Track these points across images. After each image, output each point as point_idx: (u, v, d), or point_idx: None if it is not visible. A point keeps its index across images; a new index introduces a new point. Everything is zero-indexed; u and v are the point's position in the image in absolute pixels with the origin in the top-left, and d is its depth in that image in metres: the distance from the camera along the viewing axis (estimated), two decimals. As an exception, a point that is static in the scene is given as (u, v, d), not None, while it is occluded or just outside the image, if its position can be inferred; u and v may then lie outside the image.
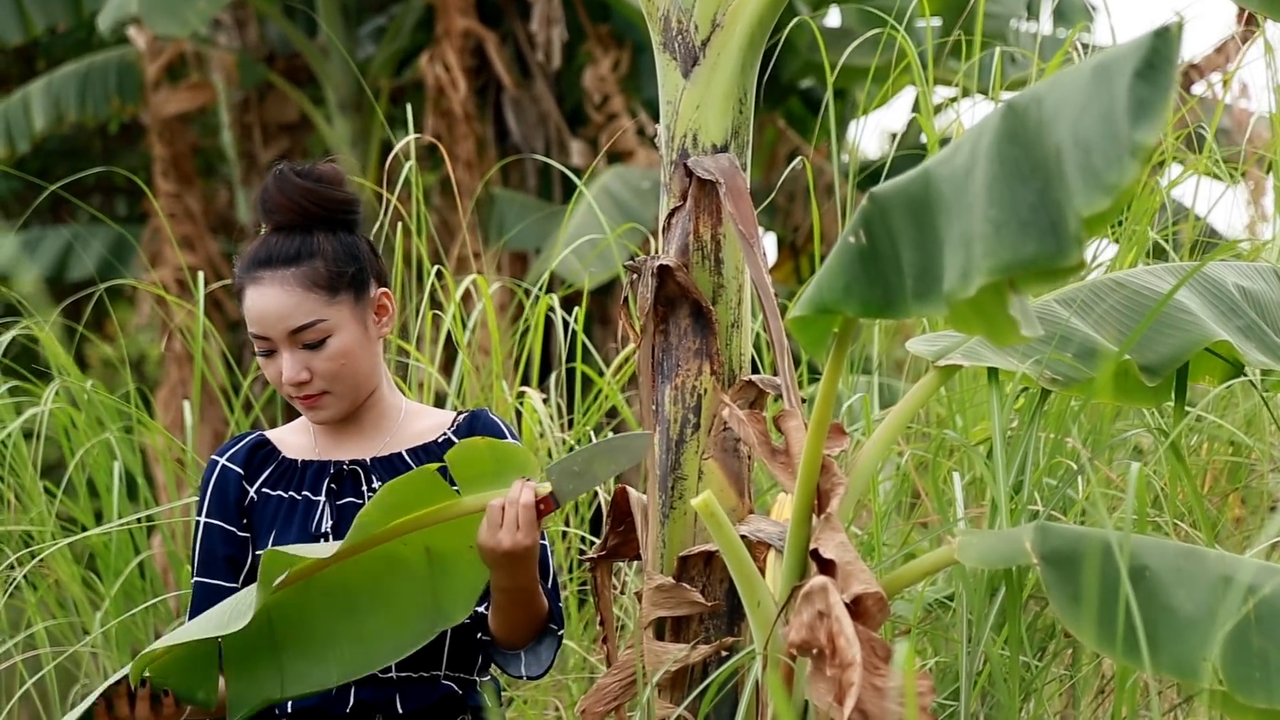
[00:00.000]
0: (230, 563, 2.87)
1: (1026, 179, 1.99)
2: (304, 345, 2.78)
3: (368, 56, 11.48)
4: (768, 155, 11.66)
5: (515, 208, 10.30)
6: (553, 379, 4.31)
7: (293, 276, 2.78)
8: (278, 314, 2.78)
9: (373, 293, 2.86)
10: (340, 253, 2.82)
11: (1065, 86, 1.99)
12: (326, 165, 2.89)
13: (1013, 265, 1.97)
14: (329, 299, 2.79)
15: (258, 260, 2.80)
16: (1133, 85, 1.87)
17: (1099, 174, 1.88)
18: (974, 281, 2.00)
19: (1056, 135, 1.95)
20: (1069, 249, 1.93)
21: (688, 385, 2.91)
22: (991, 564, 2.56)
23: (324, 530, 2.82)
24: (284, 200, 2.82)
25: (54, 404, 4.21)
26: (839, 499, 2.53)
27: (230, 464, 2.90)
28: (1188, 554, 2.36)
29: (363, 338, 2.83)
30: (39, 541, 4.16)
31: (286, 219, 2.83)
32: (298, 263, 2.79)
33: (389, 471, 2.85)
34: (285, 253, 2.80)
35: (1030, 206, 1.97)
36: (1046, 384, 2.85)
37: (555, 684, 3.97)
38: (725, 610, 2.90)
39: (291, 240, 2.81)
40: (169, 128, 11.24)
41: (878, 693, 2.33)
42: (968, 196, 2.06)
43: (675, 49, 2.95)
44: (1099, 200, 1.88)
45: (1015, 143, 2.02)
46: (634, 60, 10.81)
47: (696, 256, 2.91)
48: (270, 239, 2.82)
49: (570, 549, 4.07)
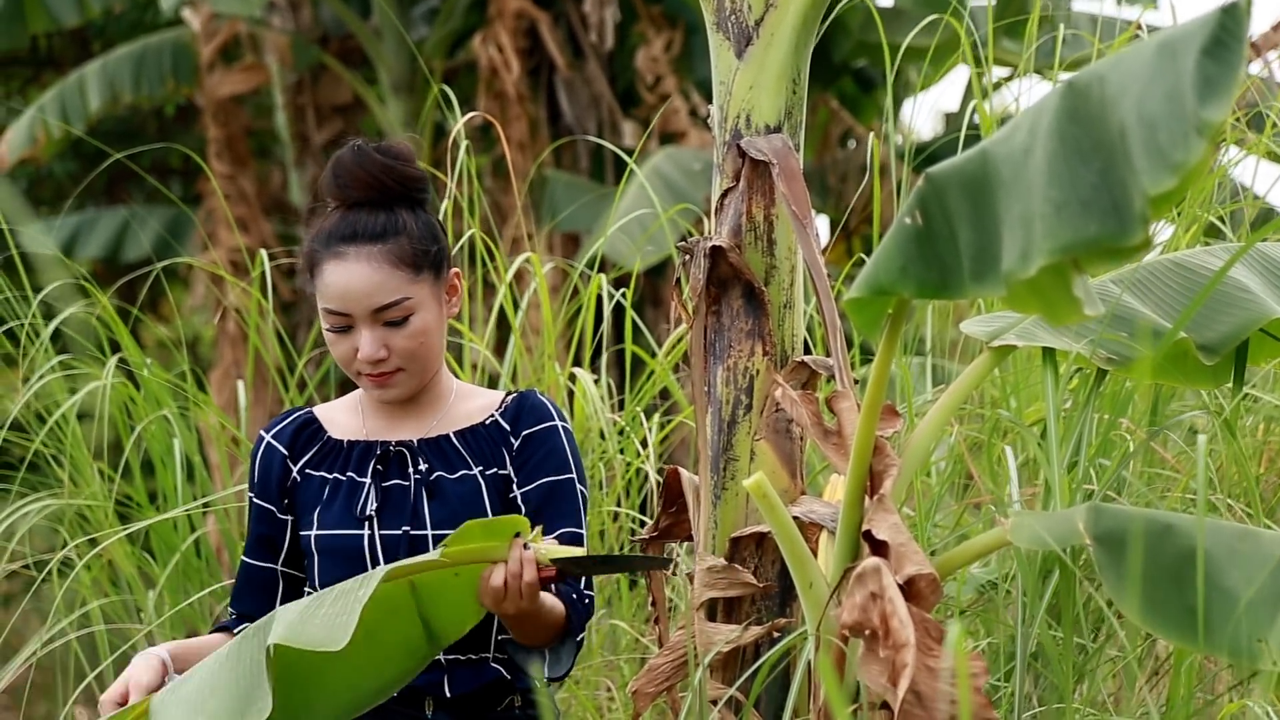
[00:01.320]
0: (269, 543, 2.88)
1: (1088, 158, 1.97)
2: (386, 323, 2.75)
3: (421, 38, 11.49)
4: (820, 136, 11.63)
5: (567, 189, 10.30)
6: (604, 360, 4.31)
7: (380, 253, 2.75)
8: (364, 290, 2.74)
9: (447, 272, 2.84)
10: (424, 231, 2.80)
11: (1129, 65, 1.97)
12: (400, 143, 2.85)
13: (1074, 245, 1.96)
14: (414, 277, 2.76)
15: (342, 235, 2.76)
16: (1200, 63, 1.85)
17: (1165, 152, 1.86)
18: (1034, 262, 1.99)
19: (1120, 114, 1.93)
20: (1133, 228, 1.91)
21: (740, 366, 2.90)
22: (1044, 545, 2.54)
23: (369, 513, 2.80)
24: (365, 176, 2.78)
25: (112, 380, 4.22)
26: (892, 480, 2.52)
27: (275, 442, 2.89)
28: (1243, 535, 2.35)
29: (439, 317, 2.81)
30: (94, 522, 4.18)
31: (367, 195, 2.79)
32: (384, 239, 2.76)
33: (436, 453, 2.84)
34: (371, 229, 2.76)
35: (1092, 186, 1.95)
36: (1102, 364, 2.84)
37: (607, 665, 3.98)
38: (777, 591, 2.89)
39: (376, 217, 2.77)
40: (223, 109, 11.29)
41: (931, 674, 2.32)
42: (1027, 176, 2.04)
43: (729, 29, 2.94)
44: (1165, 179, 1.86)
45: (1076, 121, 2.00)
46: (686, 41, 10.80)
47: (749, 237, 2.91)
48: (351, 215, 2.78)
49: (622, 530, 4.07)
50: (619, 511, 4.04)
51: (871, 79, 11.80)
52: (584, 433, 4.04)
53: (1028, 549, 2.75)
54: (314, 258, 2.79)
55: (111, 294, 4.41)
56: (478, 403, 2.91)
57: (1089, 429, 2.91)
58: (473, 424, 2.88)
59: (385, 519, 2.79)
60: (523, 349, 4.15)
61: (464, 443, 2.86)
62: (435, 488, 2.81)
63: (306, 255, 2.81)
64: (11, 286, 4.28)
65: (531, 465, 2.84)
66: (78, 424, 4.23)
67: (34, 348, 4.26)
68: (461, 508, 2.79)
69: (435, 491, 2.81)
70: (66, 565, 4.18)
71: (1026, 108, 2.17)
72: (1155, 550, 2.26)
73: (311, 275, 2.80)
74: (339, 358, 2.80)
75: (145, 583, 4.24)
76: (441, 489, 2.81)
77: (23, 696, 3.98)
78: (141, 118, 13.00)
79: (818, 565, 2.66)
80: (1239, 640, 2.21)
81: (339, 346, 2.78)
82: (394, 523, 2.79)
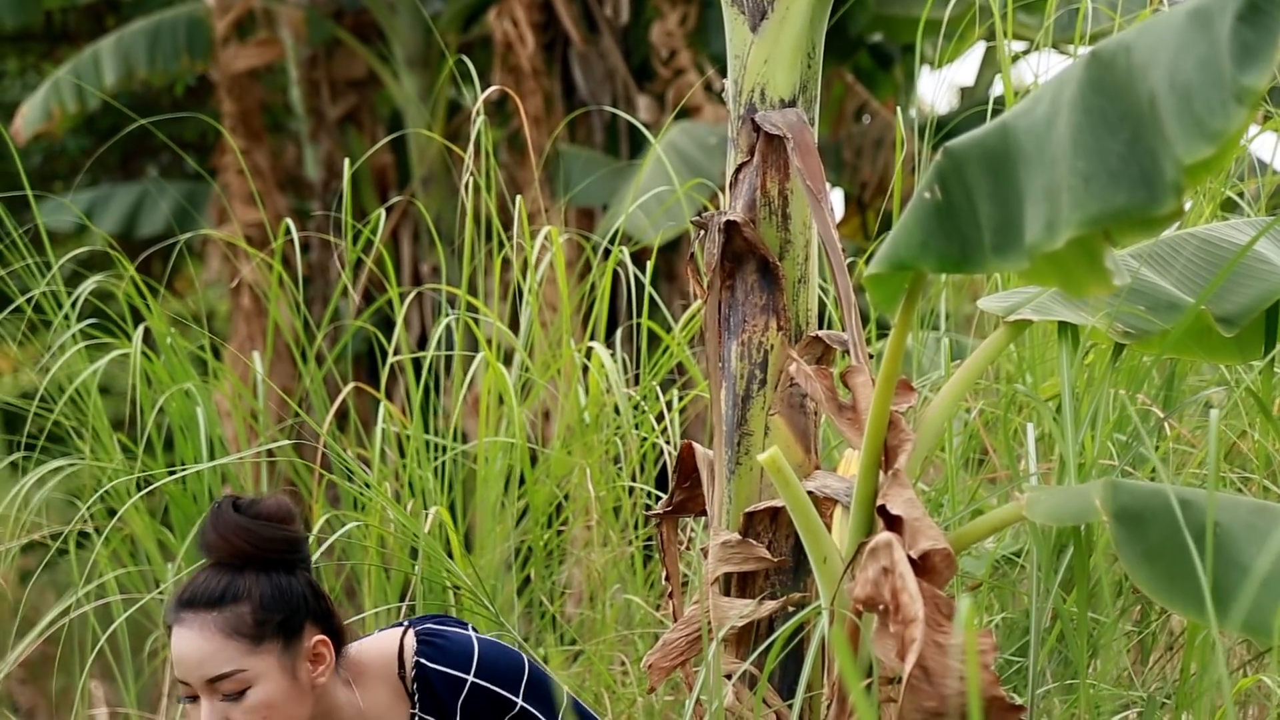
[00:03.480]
0: None
1: (1115, 128, 1.95)
2: (223, 696, 2.60)
3: (435, 12, 11.47)
4: (835, 110, 11.59)
5: (582, 163, 10.28)
6: (619, 334, 4.31)
7: (213, 622, 2.60)
8: (195, 660, 2.60)
9: (307, 640, 2.66)
10: (270, 597, 2.62)
11: (1157, 34, 1.94)
12: (273, 501, 2.70)
13: (1103, 217, 1.94)
14: (251, 648, 2.60)
15: (182, 600, 2.63)
16: (1235, 29, 1.83)
17: (1202, 120, 1.84)
18: (1062, 234, 1.98)
19: (1150, 83, 1.91)
20: (1164, 198, 1.89)
21: (754, 341, 2.90)
22: (1061, 521, 2.54)
23: None
24: (217, 538, 2.65)
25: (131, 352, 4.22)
26: (906, 455, 2.52)
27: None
28: (1260, 510, 2.34)
29: (290, 689, 2.63)
30: (113, 492, 4.19)
31: (219, 556, 2.65)
32: (220, 607, 2.60)
33: None
34: (209, 594, 2.61)
35: (1119, 156, 1.94)
36: (1119, 338, 2.83)
37: (622, 639, 3.99)
38: (791, 566, 2.90)
39: (219, 580, 2.63)
40: (238, 84, 11.28)
41: (939, 649, 2.32)
42: (1050, 148, 2.03)
43: (744, 3, 2.93)
44: (1202, 148, 1.84)
45: (1101, 92, 1.99)
46: (701, 15, 10.76)
47: (764, 212, 2.90)
48: (199, 576, 2.65)
49: (636, 505, 4.07)
50: (634, 486, 4.04)
51: (888, 53, 11.76)
52: (599, 407, 4.04)
53: (1043, 524, 2.75)
54: (165, 619, 2.68)
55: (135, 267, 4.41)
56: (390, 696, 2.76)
57: (1105, 404, 2.90)
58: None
59: None
60: (539, 324, 4.15)
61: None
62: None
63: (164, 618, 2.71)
64: (34, 254, 4.28)
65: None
66: (99, 396, 4.23)
67: (57, 317, 4.26)
68: None
69: None
70: (85, 539, 4.20)
71: (1047, 80, 2.15)
72: (1172, 526, 2.26)
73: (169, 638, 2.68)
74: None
75: (164, 556, 4.25)
76: None
77: (39, 670, 3.99)
78: (156, 93, 13.00)
79: (832, 540, 2.66)
80: (1255, 616, 2.20)
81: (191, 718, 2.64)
82: None
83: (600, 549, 4.05)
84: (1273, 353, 2.95)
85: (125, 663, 4.05)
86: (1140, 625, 3.20)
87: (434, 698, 2.75)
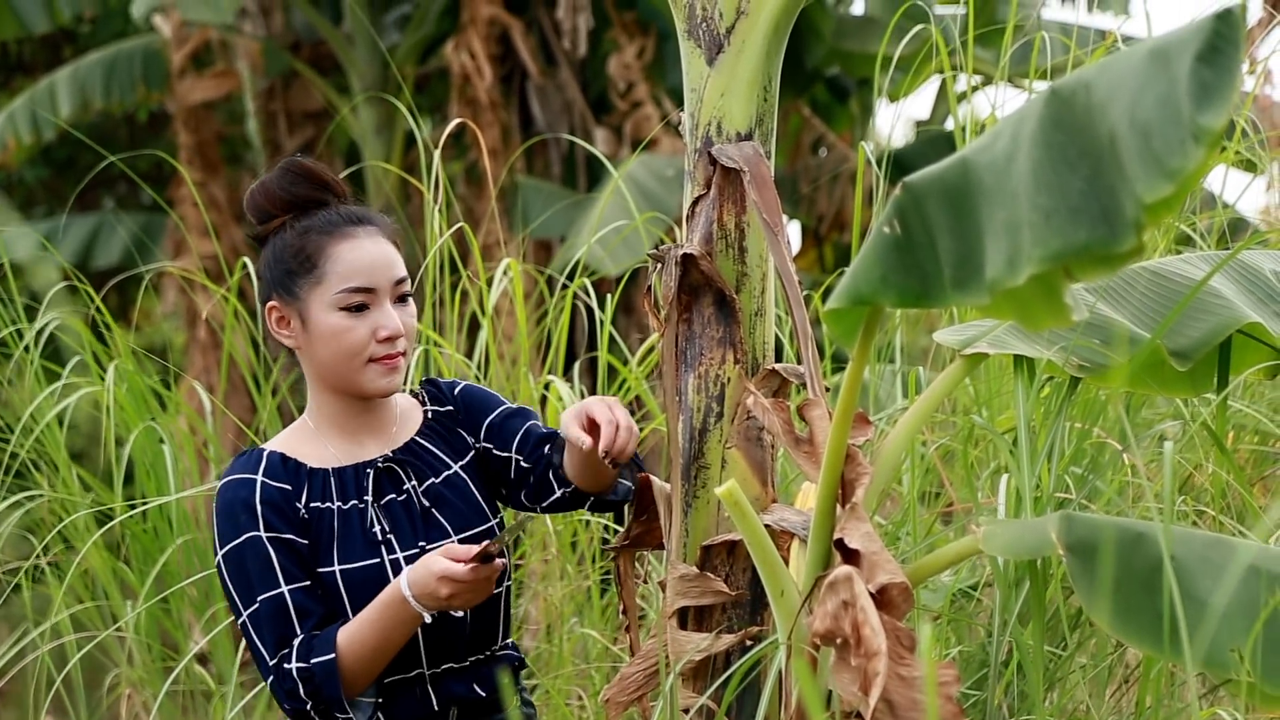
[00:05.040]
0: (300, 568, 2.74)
1: (1074, 165, 1.96)
2: (398, 299, 2.78)
3: (393, 44, 11.48)
4: (792, 143, 11.64)
5: (539, 195, 10.29)
6: (577, 367, 4.30)
7: (382, 233, 2.80)
8: (388, 261, 2.78)
9: None
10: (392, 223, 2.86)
11: (1116, 72, 1.95)
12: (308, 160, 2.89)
13: (1064, 253, 1.95)
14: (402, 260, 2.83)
15: (351, 218, 2.79)
16: (1194, 69, 1.83)
17: (1161, 159, 1.84)
18: (1024, 270, 1.98)
19: (1110, 120, 1.92)
20: (1125, 235, 1.90)
21: (711, 374, 2.90)
22: (1017, 554, 2.54)
23: (383, 537, 2.78)
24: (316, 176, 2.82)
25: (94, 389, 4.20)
26: (863, 489, 2.52)
27: (272, 480, 2.78)
28: (1214, 543, 2.35)
29: None
30: (71, 527, 4.16)
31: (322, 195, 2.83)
32: (382, 225, 2.82)
33: (413, 458, 2.85)
34: (367, 215, 2.81)
35: (1080, 193, 1.94)
36: (1075, 371, 2.84)
37: (579, 673, 3.98)
38: (749, 599, 2.89)
39: (353, 209, 2.82)
40: (194, 115, 11.26)
41: (903, 682, 2.32)
42: (1010, 184, 2.03)
43: (700, 36, 2.93)
44: (1161, 186, 1.85)
45: (1061, 129, 1.99)
46: (659, 47, 10.81)
47: (720, 245, 2.90)
48: (331, 210, 2.80)
49: (593, 538, 4.07)
50: (590, 519, 4.03)
51: (844, 87, 11.82)
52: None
53: (1000, 557, 2.75)
54: (316, 245, 2.77)
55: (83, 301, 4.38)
56: (408, 406, 2.94)
57: (1060, 438, 2.91)
58: (421, 424, 2.91)
59: (399, 541, 2.78)
60: (496, 355, 4.15)
61: (431, 441, 2.88)
62: (435, 496, 2.83)
63: (299, 250, 2.77)
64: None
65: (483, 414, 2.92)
66: (57, 430, 4.21)
67: (16, 349, 4.24)
68: (466, 507, 2.84)
69: (436, 500, 2.83)
70: (41, 575, 4.16)
71: (1007, 115, 2.16)
72: (1127, 559, 2.27)
73: (314, 266, 2.76)
74: (349, 348, 2.76)
75: (123, 591, 4.22)
76: (440, 496, 2.83)
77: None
78: (113, 124, 12.97)
79: (789, 573, 2.65)
80: (1210, 649, 2.21)
81: (354, 332, 2.75)
82: (409, 542, 2.78)
83: (558, 582, 4.04)
84: (1227, 388, 2.97)
85: (79, 699, 4.01)
86: (1096, 658, 3.21)
87: (439, 396, 2.95)
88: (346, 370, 2.78)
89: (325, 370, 2.80)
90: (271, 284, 2.81)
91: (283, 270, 2.79)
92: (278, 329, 2.82)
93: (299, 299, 2.78)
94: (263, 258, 2.84)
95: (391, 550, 2.77)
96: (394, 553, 2.76)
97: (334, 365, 2.78)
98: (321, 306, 2.76)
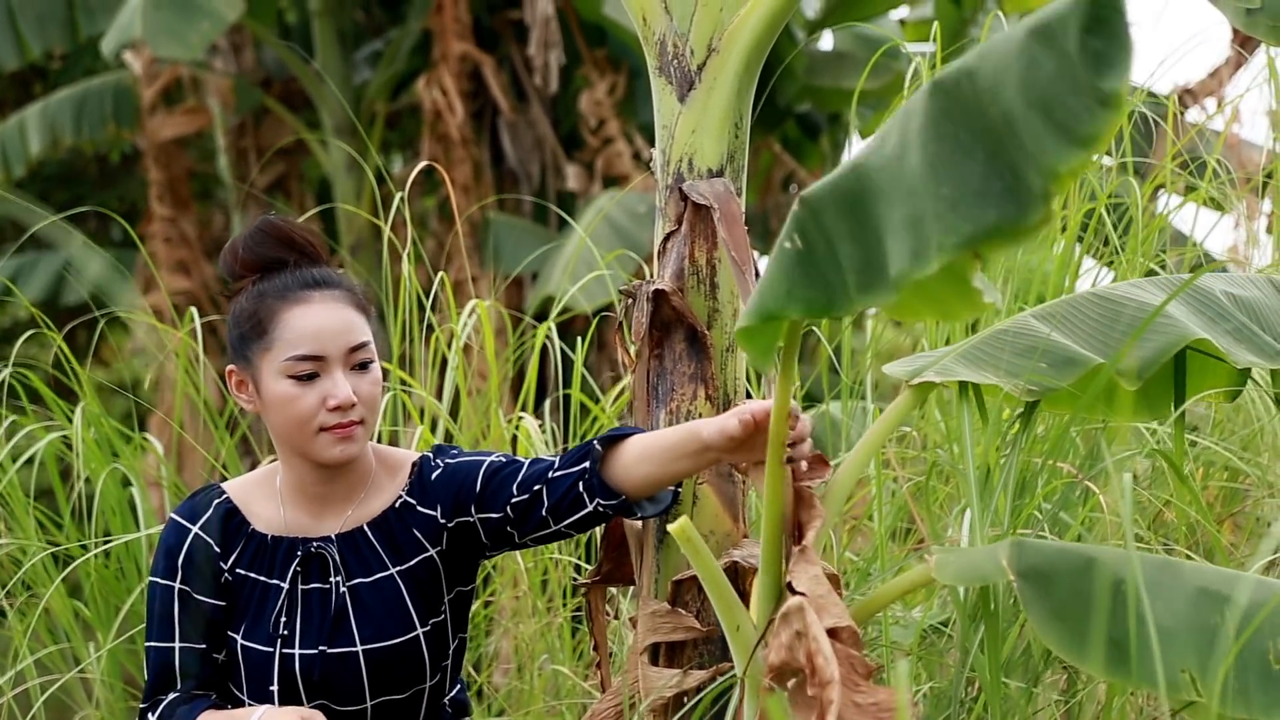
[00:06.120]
0: (196, 629, 2.74)
1: (970, 150, 1.98)
2: (353, 367, 2.73)
3: (364, 81, 11.49)
4: (763, 180, 11.66)
5: (511, 233, 10.30)
6: (547, 405, 4.30)
7: (345, 297, 2.75)
8: (340, 328, 2.72)
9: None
10: (361, 287, 2.82)
11: (999, 56, 1.98)
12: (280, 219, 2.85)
13: (976, 236, 1.96)
14: (366, 323, 2.77)
15: (306, 282, 2.74)
16: (1083, 41, 1.86)
17: (1069, 128, 1.87)
18: (934, 260, 1.99)
19: (1002, 103, 1.94)
20: (1032, 208, 1.92)
21: (683, 410, 2.90)
22: (969, 581, 2.54)
23: (282, 630, 2.74)
24: (298, 235, 2.79)
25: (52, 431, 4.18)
26: (815, 532, 2.52)
27: (206, 536, 2.78)
28: (1164, 566, 2.36)
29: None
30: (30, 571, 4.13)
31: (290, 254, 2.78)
32: (342, 287, 2.76)
33: (351, 550, 2.79)
34: (328, 277, 2.76)
35: (980, 176, 1.96)
36: (1023, 395, 2.83)
37: (550, 710, 3.96)
38: (719, 636, 2.88)
39: (318, 270, 2.77)
40: (165, 152, 11.25)
41: (858, 709, 2.32)
42: (905, 181, 2.05)
43: (671, 73, 2.94)
44: (1074, 154, 1.87)
45: (950, 119, 2.01)
46: (630, 84, 10.83)
47: (692, 281, 2.91)
48: (294, 271, 2.76)
49: (564, 574, 4.06)
50: (559, 558, 4.03)
51: (815, 123, 11.86)
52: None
53: (953, 585, 2.75)
54: (269, 310, 2.73)
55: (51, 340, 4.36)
56: (388, 484, 2.86)
57: (1012, 469, 2.91)
58: (384, 508, 2.82)
59: (302, 636, 2.75)
60: (466, 394, 4.14)
61: (378, 535, 2.81)
62: (357, 598, 2.77)
63: (252, 314, 2.74)
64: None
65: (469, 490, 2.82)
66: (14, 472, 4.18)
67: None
68: (385, 616, 2.77)
69: (356, 602, 2.77)
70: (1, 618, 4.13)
71: (891, 117, 2.18)
72: (1078, 584, 2.27)
73: (264, 332, 2.73)
74: (299, 416, 2.71)
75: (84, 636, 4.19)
76: (361, 600, 2.77)
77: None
78: (84, 160, 12.94)
79: (744, 609, 2.64)
80: (1161, 671, 2.21)
81: (302, 401, 2.70)
82: (310, 640, 2.75)
83: (528, 619, 4.03)
84: (1183, 406, 2.97)
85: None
86: (1068, 693, 3.21)
87: (422, 484, 2.84)
88: (299, 439, 2.73)
89: (281, 436, 2.77)
90: (230, 348, 2.79)
91: (238, 335, 2.76)
92: (237, 393, 2.79)
93: (252, 365, 2.75)
94: (228, 319, 2.81)
95: (289, 645, 2.74)
96: (290, 647, 2.73)
97: (286, 433, 2.74)
98: (271, 374, 2.72)
